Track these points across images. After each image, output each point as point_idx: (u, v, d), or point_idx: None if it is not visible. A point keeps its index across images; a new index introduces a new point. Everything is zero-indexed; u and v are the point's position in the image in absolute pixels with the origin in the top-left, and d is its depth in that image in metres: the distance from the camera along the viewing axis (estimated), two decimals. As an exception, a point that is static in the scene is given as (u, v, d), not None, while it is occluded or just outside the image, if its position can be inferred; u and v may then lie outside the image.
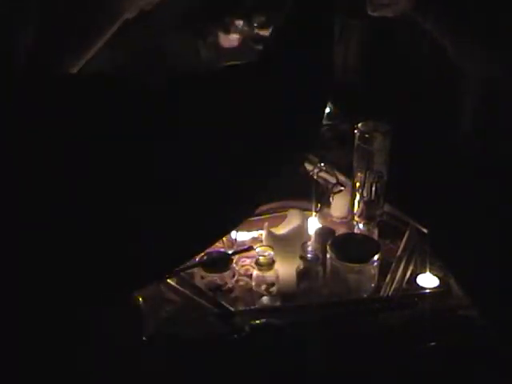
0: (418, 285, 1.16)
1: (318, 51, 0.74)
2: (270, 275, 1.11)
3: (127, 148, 0.57)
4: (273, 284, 1.12)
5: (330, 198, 1.28)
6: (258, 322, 1.06)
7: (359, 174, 1.26)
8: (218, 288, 1.13)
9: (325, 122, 1.77)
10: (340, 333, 1.07)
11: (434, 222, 1.28)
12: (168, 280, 1.14)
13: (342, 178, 1.33)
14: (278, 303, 1.13)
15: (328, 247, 1.13)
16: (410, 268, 1.20)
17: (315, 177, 1.31)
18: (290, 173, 1.32)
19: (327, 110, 1.79)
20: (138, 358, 1.02)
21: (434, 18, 1.45)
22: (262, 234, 1.25)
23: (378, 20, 1.59)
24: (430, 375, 1.00)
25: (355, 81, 1.83)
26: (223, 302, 1.10)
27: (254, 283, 1.13)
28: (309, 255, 1.09)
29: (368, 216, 1.27)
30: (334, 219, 1.36)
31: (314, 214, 1.25)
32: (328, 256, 1.13)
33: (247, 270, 1.22)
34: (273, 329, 1.05)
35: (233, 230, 1.16)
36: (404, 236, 1.28)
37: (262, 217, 1.25)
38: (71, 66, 1.16)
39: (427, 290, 1.15)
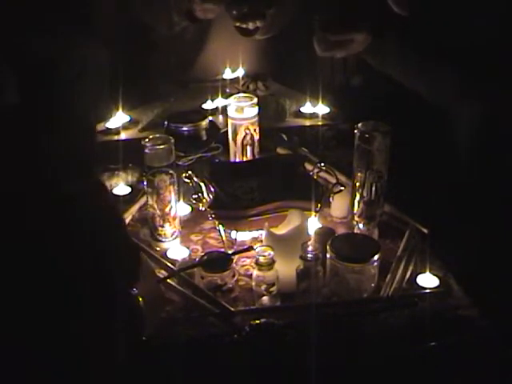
0: (418, 285, 1.16)
1: None
2: (269, 275, 1.11)
3: None
4: (273, 284, 1.12)
5: (330, 198, 1.28)
6: (257, 321, 1.06)
7: (359, 174, 1.26)
8: (218, 288, 1.13)
9: (325, 122, 1.78)
10: (340, 333, 1.07)
11: (434, 221, 1.28)
12: (168, 280, 1.14)
13: (342, 178, 1.33)
14: (278, 303, 1.13)
15: (328, 247, 1.13)
16: (410, 268, 1.20)
17: (315, 177, 1.31)
18: (290, 173, 1.33)
19: (327, 109, 1.79)
20: (138, 358, 1.02)
21: (394, 59, 1.44)
22: (262, 234, 1.25)
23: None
24: (430, 375, 1.00)
25: (355, 81, 1.83)
26: (223, 302, 1.10)
27: (254, 283, 1.13)
28: (309, 255, 1.09)
29: (368, 216, 1.27)
30: (334, 219, 1.36)
31: (313, 214, 1.25)
32: (328, 256, 1.13)
33: (247, 269, 1.22)
34: (273, 329, 1.05)
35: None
36: (404, 236, 1.28)
37: (262, 217, 1.25)
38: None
39: (427, 290, 1.15)
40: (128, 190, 1.47)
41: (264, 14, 1.66)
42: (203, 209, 1.27)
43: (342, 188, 1.26)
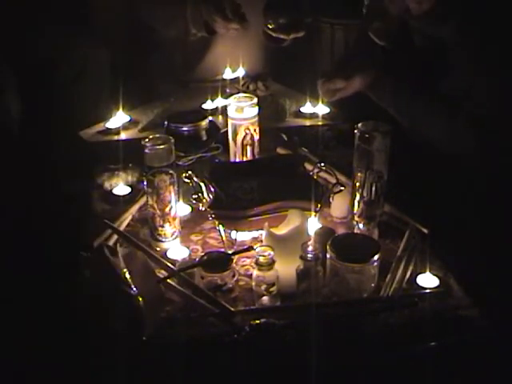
0: (418, 285, 1.16)
1: None
2: (269, 275, 1.11)
3: None
4: (273, 284, 1.12)
5: (330, 198, 1.28)
6: (257, 321, 1.06)
7: (359, 174, 1.26)
8: (217, 288, 1.13)
9: (325, 122, 1.78)
10: (340, 333, 1.07)
11: (434, 221, 1.28)
12: (168, 280, 1.14)
13: (341, 178, 1.33)
14: (278, 303, 1.13)
15: (328, 247, 1.13)
16: (410, 268, 1.20)
17: (315, 177, 1.31)
18: (290, 173, 1.33)
19: (327, 109, 1.79)
20: (138, 358, 1.02)
21: (390, 95, 1.53)
22: (262, 234, 1.25)
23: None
24: (430, 375, 1.00)
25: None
26: (223, 302, 1.10)
27: (254, 283, 1.13)
28: (309, 255, 1.09)
29: (368, 216, 1.27)
30: (334, 219, 1.36)
31: (313, 213, 1.25)
32: (328, 256, 1.13)
33: (247, 269, 1.22)
34: (273, 329, 1.05)
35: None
36: (404, 236, 1.28)
37: (262, 217, 1.25)
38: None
39: (427, 290, 1.15)
40: (128, 190, 1.47)
41: (303, 24, 1.70)
42: (203, 209, 1.27)
43: (342, 188, 1.26)
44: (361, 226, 1.27)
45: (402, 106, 1.49)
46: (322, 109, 1.79)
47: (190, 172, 1.26)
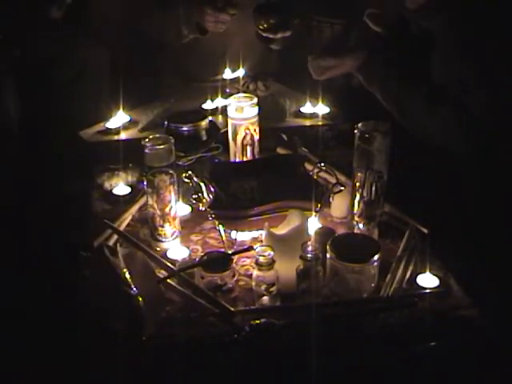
0: (418, 285, 1.16)
1: None
2: (269, 275, 1.11)
3: None
4: (273, 284, 1.12)
5: (330, 198, 1.28)
6: (257, 321, 1.06)
7: (359, 174, 1.26)
8: (218, 288, 1.13)
9: (325, 122, 1.78)
10: (340, 333, 1.07)
11: (434, 221, 1.28)
12: (168, 280, 1.14)
13: (342, 178, 1.33)
14: (278, 303, 1.13)
15: (328, 247, 1.13)
16: (410, 268, 1.20)
17: (315, 177, 1.31)
18: (290, 173, 1.33)
19: (327, 109, 1.79)
20: (138, 358, 1.02)
21: (379, 79, 1.53)
22: (262, 234, 1.25)
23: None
24: (430, 375, 1.00)
25: (355, 81, 1.83)
26: (223, 302, 1.10)
27: (254, 283, 1.13)
28: (309, 255, 1.09)
29: (368, 216, 1.27)
30: (334, 219, 1.36)
31: (314, 214, 1.25)
32: (328, 256, 1.13)
33: (247, 269, 1.22)
34: (273, 329, 1.05)
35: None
36: (404, 236, 1.28)
37: (262, 217, 1.25)
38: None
39: (427, 290, 1.15)
40: (128, 190, 1.47)
41: (290, 25, 1.72)
42: (203, 209, 1.27)
43: (342, 188, 1.26)
44: (361, 226, 1.27)
45: (390, 90, 1.49)
46: (321, 109, 1.79)
47: (190, 172, 1.26)
